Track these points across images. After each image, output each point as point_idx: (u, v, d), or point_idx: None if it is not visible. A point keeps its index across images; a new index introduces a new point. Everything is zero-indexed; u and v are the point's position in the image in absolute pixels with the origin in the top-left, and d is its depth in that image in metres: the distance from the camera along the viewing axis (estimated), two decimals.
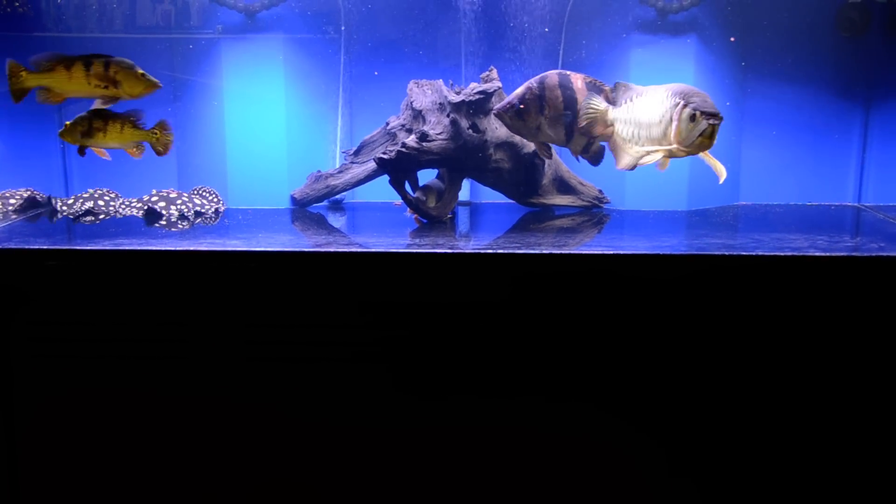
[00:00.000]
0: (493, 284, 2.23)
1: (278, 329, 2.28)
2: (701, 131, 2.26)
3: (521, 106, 2.66)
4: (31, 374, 2.34)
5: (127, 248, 2.29)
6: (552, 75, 2.67)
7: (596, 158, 2.78)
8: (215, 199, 3.06)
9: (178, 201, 2.95)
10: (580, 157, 2.75)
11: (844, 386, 2.22)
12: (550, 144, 2.79)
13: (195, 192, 3.05)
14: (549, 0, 3.07)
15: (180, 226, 2.75)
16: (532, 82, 2.67)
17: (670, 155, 2.37)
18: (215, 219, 2.90)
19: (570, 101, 2.63)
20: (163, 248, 2.28)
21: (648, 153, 2.40)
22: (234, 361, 2.30)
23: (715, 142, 2.30)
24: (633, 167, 2.47)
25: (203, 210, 2.96)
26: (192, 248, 2.28)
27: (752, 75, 3.11)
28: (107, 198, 3.01)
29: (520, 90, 2.67)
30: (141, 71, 2.49)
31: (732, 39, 3.03)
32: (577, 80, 2.65)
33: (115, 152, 2.75)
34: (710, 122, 2.25)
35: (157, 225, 2.75)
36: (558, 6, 3.07)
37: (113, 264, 2.28)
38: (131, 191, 3.08)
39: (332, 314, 2.27)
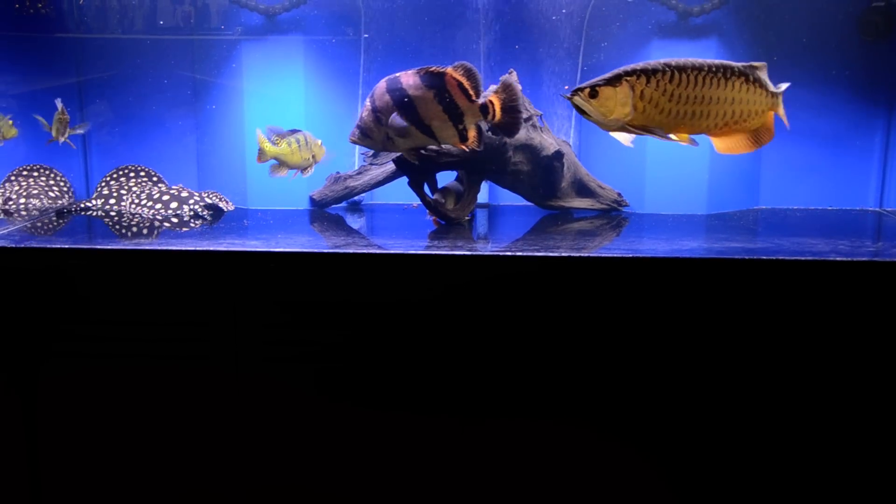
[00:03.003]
0: (511, 286, 2.23)
1: (296, 329, 2.29)
2: None
3: (361, 126, 2.59)
4: (51, 372, 2.36)
5: (146, 247, 2.31)
6: (380, 84, 2.56)
7: (479, 142, 2.60)
8: (224, 202, 3.07)
9: (191, 201, 2.97)
10: (468, 148, 2.59)
11: (868, 392, 2.20)
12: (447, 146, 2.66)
13: (205, 193, 3.07)
14: (569, 2, 3.07)
15: (193, 225, 2.76)
16: (367, 98, 2.59)
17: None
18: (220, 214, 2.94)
19: (403, 102, 2.51)
20: (176, 248, 2.30)
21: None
22: (249, 362, 2.32)
23: (592, 118, 2.31)
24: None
25: (213, 202, 2.99)
26: (199, 249, 2.29)
27: (773, 79, 3.09)
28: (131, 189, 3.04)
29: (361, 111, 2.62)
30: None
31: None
32: (408, 78, 2.52)
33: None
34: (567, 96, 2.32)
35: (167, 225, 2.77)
36: (579, 8, 3.07)
37: (128, 263, 2.30)
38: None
39: (346, 314, 2.27)
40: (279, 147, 2.85)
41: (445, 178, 2.86)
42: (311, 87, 3.11)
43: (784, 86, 2.38)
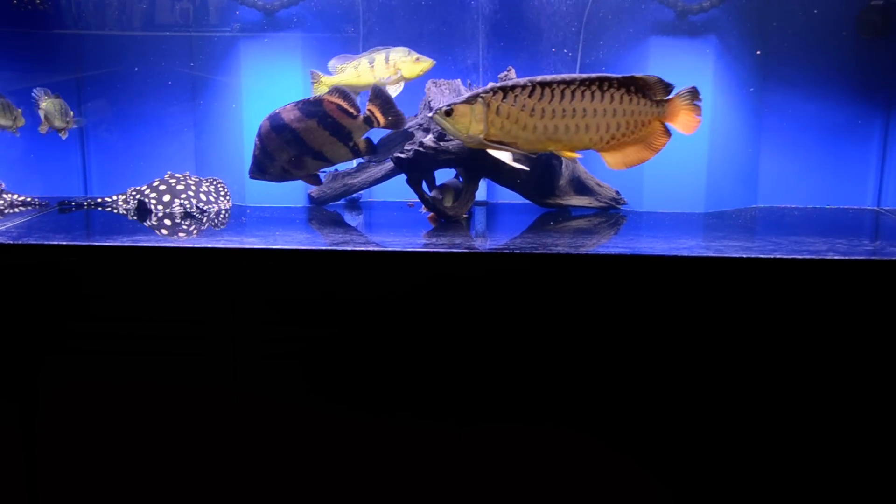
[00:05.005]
0: (509, 284, 2.23)
1: (294, 327, 2.29)
2: None
3: (257, 164, 2.71)
4: (48, 368, 2.36)
5: (144, 244, 2.31)
6: (263, 123, 2.67)
7: (370, 150, 2.78)
8: (224, 194, 3.06)
9: (183, 195, 2.96)
10: (366, 158, 2.75)
11: (866, 391, 2.20)
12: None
13: (209, 181, 3.06)
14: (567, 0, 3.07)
15: (188, 223, 2.77)
16: (256, 138, 2.70)
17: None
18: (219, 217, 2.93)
19: (291, 136, 2.61)
20: (174, 245, 2.30)
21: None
22: (247, 359, 2.32)
23: (453, 135, 2.44)
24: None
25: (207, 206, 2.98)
26: (197, 246, 2.29)
27: (771, 77, 3.10)
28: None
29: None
30: (416, 56, 2.87)
31: (759, 52, 3.01)
32: (289, 113, 2.64)
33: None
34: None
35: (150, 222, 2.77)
36: (577, 6, 3.07)
37: (129, 260, 2.30)
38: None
39: (344, 311, 2.27)
40: (341, 74, 2.79)
41: (444, 175, 2.86)
42: (309, 83, 3.11)
43: (684, 90, 2.39)
